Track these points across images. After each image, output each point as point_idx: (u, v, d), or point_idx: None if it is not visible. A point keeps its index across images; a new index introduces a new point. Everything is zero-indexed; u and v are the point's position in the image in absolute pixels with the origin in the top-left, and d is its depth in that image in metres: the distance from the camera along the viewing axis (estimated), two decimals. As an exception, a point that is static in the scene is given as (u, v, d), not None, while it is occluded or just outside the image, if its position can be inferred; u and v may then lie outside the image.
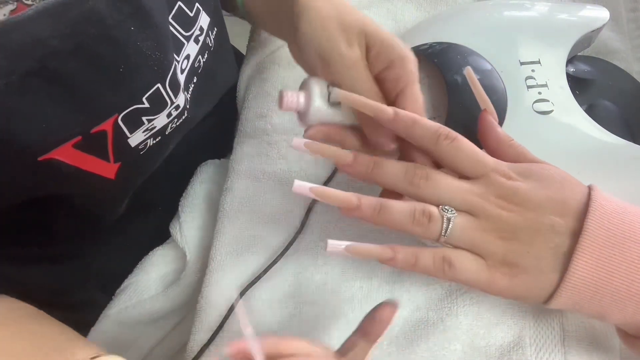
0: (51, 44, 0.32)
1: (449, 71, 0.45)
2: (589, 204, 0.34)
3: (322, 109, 0.39)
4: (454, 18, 0.53)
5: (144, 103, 0.39)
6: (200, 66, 0.46)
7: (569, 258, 0.33)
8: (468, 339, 0.42)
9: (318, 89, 0.39)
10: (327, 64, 0.38)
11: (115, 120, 0.38)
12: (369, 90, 0.38)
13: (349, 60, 0.38)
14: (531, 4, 0.51)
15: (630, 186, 0.42)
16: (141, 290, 0.53)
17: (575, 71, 0.50)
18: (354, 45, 0.38)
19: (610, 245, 0.33)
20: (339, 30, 0.38)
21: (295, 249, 0.47)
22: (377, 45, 0.38)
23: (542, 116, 0.44)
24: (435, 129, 0.36)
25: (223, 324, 0.44)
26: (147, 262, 0.54)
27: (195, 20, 0.43)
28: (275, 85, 0.56)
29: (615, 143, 0.43)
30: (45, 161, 0.36)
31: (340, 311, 0.44)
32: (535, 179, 0.36)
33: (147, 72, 0.38)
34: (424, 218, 0.35)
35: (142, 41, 0.36)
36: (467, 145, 0.36)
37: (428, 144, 0.36)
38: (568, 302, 0.34)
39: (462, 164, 0.36)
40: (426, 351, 0.42)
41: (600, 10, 0.49)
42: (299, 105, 0.39)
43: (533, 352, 0.41)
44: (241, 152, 0.54)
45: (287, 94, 0.39)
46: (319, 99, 0.39)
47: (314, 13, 0.39)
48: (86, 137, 0.37)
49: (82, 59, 0.34)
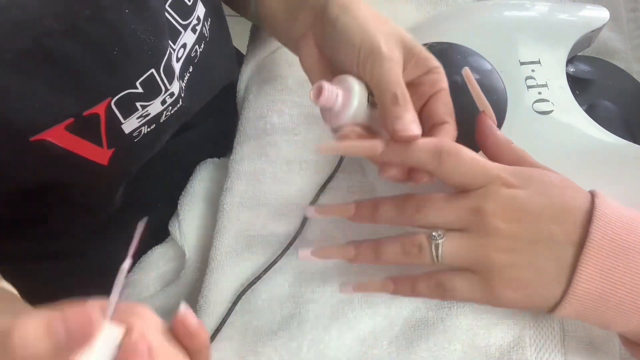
0: (46, 23, 0.32)
1: (449, 71, 0.45)
2: (592, 212, 0.33)
3: (361, 108, 0.38)
4: (454, 18, 0.53)
5: (137, 88, 0.39)
6: (197, 56, 0.46)
7: (573, 269, 0.33)
8: (468, 339, 0.42)
9: (358, 86, 0.38)
10: (368, 57, 0.37)
11: (109, 104, 0.38)
12: (401, 89, 0.37)
13: (390, 57, 0.37)
14: (531, 4, 0.51)
15: (630, 186, 0.42)
16: (140, 288, 0.53)
17: (575, 71, 0.50)
18: (394, 48, 0.38)
19: (614, 255, 0.32)
20: (380, 32, 0.38)
21: (296, 249, 0.47)
22: (416, 56, 0.39)
23: (542, 116, 0.44)
24: (434, 147, 0.35)
25: (223, 324, 0.44)
26: (146, 260, 0.54)
27: (192, 10, 0.43)
28: (275, 85, 0.56)
29: (615, 143, 0.43)
30: (37, 142, 0.36)
31: (340, 311, 0.44)
32: (535, 185, 0.35)
33: (142, 56, 0.38)
34: (414, 249, 0.36)
35: (136, 25, 0.36)
36: (468, 158, 0.35)
37: (430, 165, 0.35)
38: (572, 313, 0.34)
39: (465, 179, 0.35)
40: (426, 351, 0.42)
41: (600, 10, 0.49)
42: (337, 102, 0.38)
43: (533, 352, 0.41)
44: (241, 152, 0.54)
45: (328, 87, 0.37)
46: (359, 96, 0.38)
47: (355, 11, 0.40)
48: (79, 119, 0.37)
49: (76, 40, 0.34)
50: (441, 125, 0.38)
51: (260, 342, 0.43)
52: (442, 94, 0.39)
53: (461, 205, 0.35)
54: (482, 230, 0.34)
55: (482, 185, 0.35)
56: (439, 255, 0.35)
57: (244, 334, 0.44)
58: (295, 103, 0.54)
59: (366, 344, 0.43)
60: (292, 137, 0.53)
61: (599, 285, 0.32)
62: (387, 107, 0.36)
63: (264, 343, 0.43)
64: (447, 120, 0.38)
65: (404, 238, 0.37)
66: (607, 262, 0.32)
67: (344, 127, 0.38)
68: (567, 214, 0.34)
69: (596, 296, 0.33)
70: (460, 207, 0.35)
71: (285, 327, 0.44)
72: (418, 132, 0.36)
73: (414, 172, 0.37)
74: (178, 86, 0.43)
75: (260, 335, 0.44)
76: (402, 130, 0.35)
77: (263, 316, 0.45)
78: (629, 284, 0.32)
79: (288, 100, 0.55)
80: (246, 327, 0.44)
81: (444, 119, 0.38)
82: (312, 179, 0.50)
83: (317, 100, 0.37)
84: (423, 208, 0.36)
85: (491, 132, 0.39)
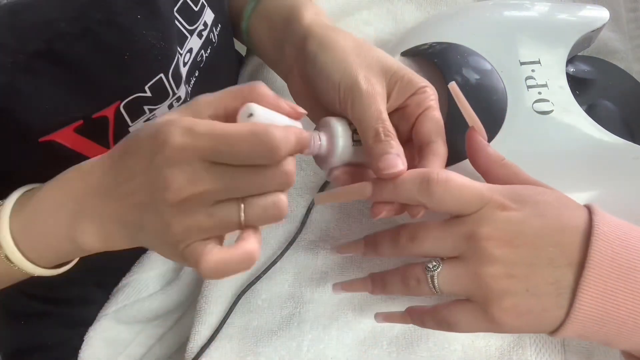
0: (59, 26, 0.32)
1: (449, 71, 0.45)
2: (590, 231, 0.32)
3: (347, 149, 0.38)
4: (454, 18, 0.53)
5: (146, 92, 0.39)
6: (203, 61, 0.47)
7: (573, 291, 0.32)
8: (468, 339, 0.42)
9: (340, 127, 0.37)
10: (347, 94, 0.37)
11: (118, 107, 0.38)
12: (382, 124, 0.36)
13: (369, 93, 0.37)
14: (531, 4, 0.51)
15: (630, 186, 0.42)
16: (140, 288, 0.53)
17: (575, 71, 0.50)
18: (374, 81, 0.38)
19: (615, 276, 0.32)
20: (360, 65, 0.38)
21: (295, 249, 0.47)
22: (399, 81, 0.38)
23: (542, 116, 0.44)
24: (420, 179, 0.34)
25: (223, 324, 0.44)
26: (145, 260, 0.54)
27: (199, 15, 0.43)
28: (274, 87, 0.56)
29: (615, 143, 0.43)
30: (46, 143, 0.36)
31: (340, 311, 0.44)
32: (531, 206, 0.34)
33: (152, 61, 0.38)
34: (413, 282, 0.36)
35: (147, 30, 0.36)
36: (458, 184, 0.34)
37: (420, 198, 0.35)
38: (573, 334, 0.33)
39: (458, 205, 0.35)
40: (426, 351, 0.42)
41: (600, 10, 0.49)
42: (322, 148, 0.37)
43: (533, 352, 0.41)
44: (241, 152, 0.54)
45: (309, 136, 0.36)
46: (342, 138, 0.37)
47: (334, 45, 0.39)
48: (88, 121, 0.37)
49: (88, 43, 0.34)
50: (428, 146, 0.38)
51: (260, 342, 0.44)
52: (429, 112, 0.38)
53: (455, 232, 0.35)
54: (477, 258, 0.34)
55: (476, 209, 0.34)
56: (435, 286, 0.35)
57: (244, 334, 0.44)
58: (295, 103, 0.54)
59: (366, 344, 0.43)
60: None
61: (600, 307, 0.32)
62: (370, 144, 0.36)
63: (264, 343, 0.43)
64: (433, 139, 0.38)
65: (404, 271, 0.37)
66: (608, 282, 0.31)
67: (333, 171, 0.38)
68: (564, 235, 0.33)
69: (598, 318, 0.32)
70: (455, 234, 0.35)
71: (285, 327, 0.44)
72: (402, 167, 0.35)
73: (408, 207, 0.37)
74: (185, 90, 0.44)
75: (260, 335, 0.44)
76: (385, 168, 0.35)
77: (263, 316, 0.45)
78: (630, 304, 0.31)
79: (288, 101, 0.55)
80: (246, 327, 0.44)
81: (431, 139, 0.38)
82: (312, 179, 0.50)
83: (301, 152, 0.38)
84: (416, 238, 0.36)
85: (482, 149, 0.38)
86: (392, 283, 0.38)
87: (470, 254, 0.34)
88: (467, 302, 0.35)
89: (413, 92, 0.39)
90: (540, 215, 0.34)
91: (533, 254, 0.33)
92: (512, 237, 0.33)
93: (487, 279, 0.33)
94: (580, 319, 0.32)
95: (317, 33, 0.41)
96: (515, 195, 0.35)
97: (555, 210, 0.34)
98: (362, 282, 0.40)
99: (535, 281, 0.33)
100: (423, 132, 0.38)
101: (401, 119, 0.39)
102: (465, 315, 0.34)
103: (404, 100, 0.39)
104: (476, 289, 0.34)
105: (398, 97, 0.39)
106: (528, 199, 0.34)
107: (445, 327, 0.36)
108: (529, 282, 0.33)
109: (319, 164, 0.39)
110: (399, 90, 0.39)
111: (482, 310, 0.34)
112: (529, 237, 0.33)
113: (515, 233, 0.33)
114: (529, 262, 0.33)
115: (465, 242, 0.34)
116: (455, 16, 0.53)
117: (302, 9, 0.44)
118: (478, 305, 0.34)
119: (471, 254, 0.34)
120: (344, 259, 0.46)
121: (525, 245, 0.33)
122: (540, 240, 0.33)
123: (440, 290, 0.35)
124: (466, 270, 0.34)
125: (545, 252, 0.33)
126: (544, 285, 0.33)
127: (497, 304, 0.33)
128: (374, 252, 0.39)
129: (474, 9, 0.53)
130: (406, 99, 0.39)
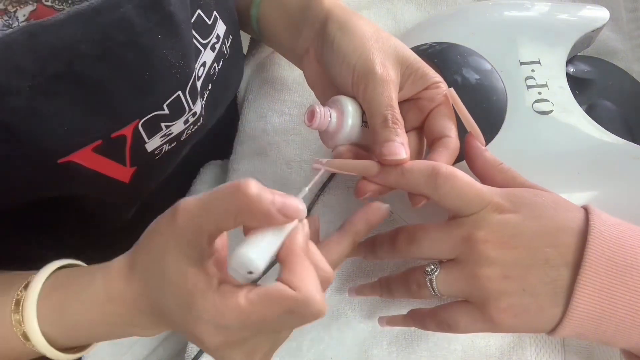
0: (79, 48, 0.32)
1: (449, 71, 0.45)
2: (587, 230, 0.33)
3: (355, 128, 0.38)
4: (454, 18, 0.53)
5: (164, 109, 0.39)
6: (215, 73, 0.46)
7: (570, 291, 0.32)
8: (468, 339, 0.42)
9: (351, 107, 0.38)
10: (362, 77, 0.38)
11: (136, 126, 0.38)
12: (392, 111, 0.37)
13: (384, 79, 0.37)
14: (531, 4, 0.51)
15: (630, 186, 0.42)
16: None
17: (575, 71, 0.50)
18: (390, 69, 0.38)
19: (612, 275, 0.32)
20: (378, 50, 0.38)
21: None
22: (413, 74, 0.39)
23: (542, 116, 0.44)
24: (430, 171, 0.35)
25: (223, 324, 0.44)
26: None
27: (212, 28, 0.43)
28: (275, 85, 0.56)
29: (615, 143, 0.43)
30: (64, 164, 0.36)
31: (340, 311, 0.44)
32: (527, 208, 0.34)
33: (171, 79, 0.38)
34: (414, 286, 0.37)
35: (167, 49, 0.36)
36: (464, 182, 0.35)
37: (426, 189, 0.35)
38: (571, 334, 0.33)
39: (460, 203, 0.35)
40: (426, 351, 0.42)
41: (600, 10, 0.49)
42: (330, 124, 0.38)
43: (533, 352, 0.41)
44: (241, 152, 0.54)
45: (320, 110, 0.37)
46: (352, 117, 0.38)
47: (354, 29, 0.40)
48: (106, 141, 0.37)
49: (108, 65, 0.34)
50: (440, 140, 0.38)
51: (260, 342, 0.43)
52: (442, 107, 0.39)
53: (453, 235, 0.35)
54: (474, 260, 0.34)
55: (475, 210, 0.35)
56: (435, 289, 0.35)
57: (244, 334, 0.44)
58: (295, 103, 0.54)
59: (366, 344, 0.43)
60: (292, 137, 0.53)
61: (597, 306, 0.32)
62: (377, 129, 0.36)
63: (264, 343, 0.43)
64: (446, 134, 0.38)
65: (406, 275, 0.38)
66: (605, 282, 0.32)
67: (339, 147, 0.39)
68: (561, 236, 0.33)
69: (595, 317, 0.32)
70: (452, 237, 0.35)
71: (285, 327, 0.44)
72: (405, 156, 0.36)
73: (410, 195, 0.37)
74: (200, 105, 0.44)
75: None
76: (389, 154, 0.35)
77: (263, 316, 0.45)
78: (627, 302, 0.32)
79: (288, 100, 0.55)
80: (246, 327, 0.44)
81: (444, 133, 0.38)
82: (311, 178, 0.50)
83: (310, 124, 0.38)
84: (414, 240, 0.36)
85: (480, 154, 0.39)
86: (396, 288, 0.39)
87: (467, 256, 0.34)
88: (465, 304, 0.35)
89: (426, 86, 0.39)
90: (536, 217, 0.34)
91: (529, 254, 0.33)
92: (508, 239, 0.34)
93: (483, 280, 0.33)
94: (577, 317, 0.32)
95: (338, 15, 0.41)
96: (512, 197, 0.35)
97: (551, 212, 0.34)
98: (371, 286, 0.41)
99: (531, 281, 0.33)
100: (436, 126, 0.38)
101: (410, 110, 0.39)
102: (464, 316, 0.35)
103: (416, 93, 0.39)
104: (473, 290, 0.34)
105: (410, 89, 0.39)
106: (524, 201, 0.35)
107: (445, 328, 0.36)
108: (526, 282, 0.33)
109: (324, 140, 0.40)
110: (412, 81, 0.39)
111: (480, 311, 0.34)
112: (525, 239, 0.33)
113: (511, 235, 0.34)
114: (526, 263, 0.33)
115: (462, 244, 0.34)
116: (455, 16, 0.53)
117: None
118: (476, 306, 0.34)
119: (468, 256, 0.34)
120: (345, 261, 0.46)
121: (522, 246, 0.33)
122: (537, 242, 0.33)
123: (440, 293, 0.35)
124: (463, 273, 0.34)
125: (541, 252, 0.33)
126: (540, 285, 0.33)
127: (495, 305, 0.33)
128: (373, 255, 0.39)
129: (474, 9, 0.53)
130: (419, 92, 0.39)
